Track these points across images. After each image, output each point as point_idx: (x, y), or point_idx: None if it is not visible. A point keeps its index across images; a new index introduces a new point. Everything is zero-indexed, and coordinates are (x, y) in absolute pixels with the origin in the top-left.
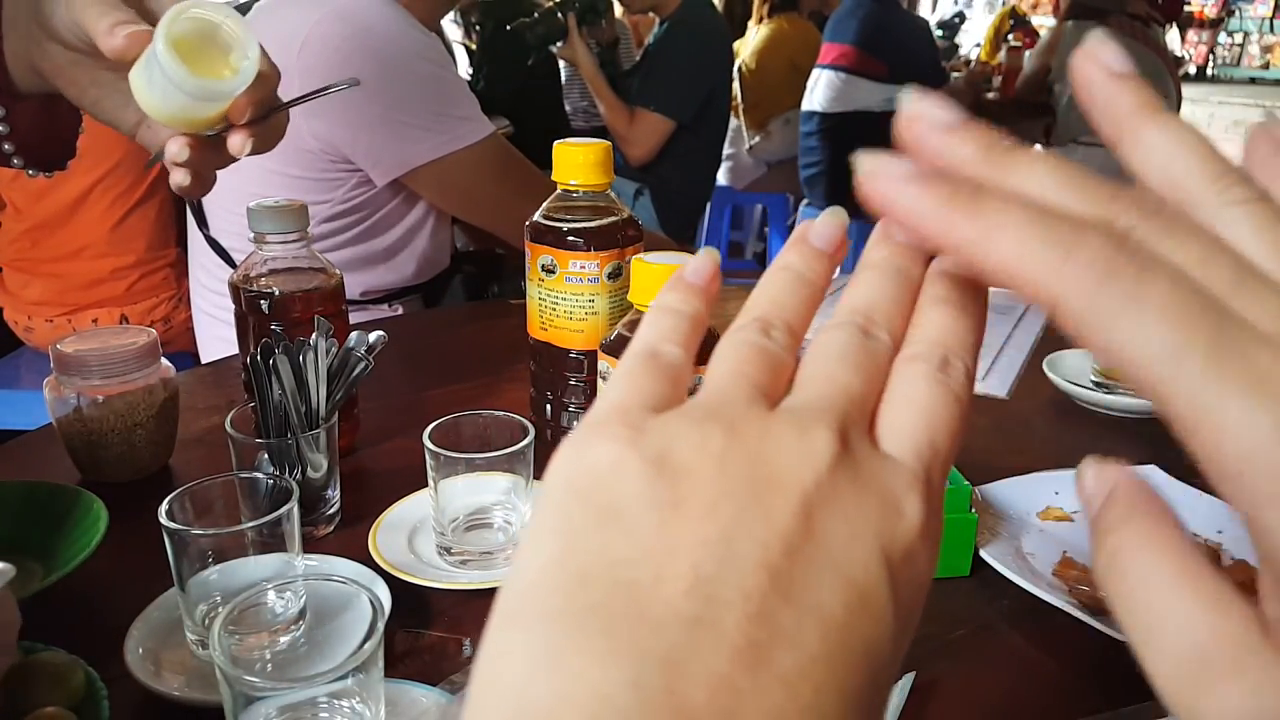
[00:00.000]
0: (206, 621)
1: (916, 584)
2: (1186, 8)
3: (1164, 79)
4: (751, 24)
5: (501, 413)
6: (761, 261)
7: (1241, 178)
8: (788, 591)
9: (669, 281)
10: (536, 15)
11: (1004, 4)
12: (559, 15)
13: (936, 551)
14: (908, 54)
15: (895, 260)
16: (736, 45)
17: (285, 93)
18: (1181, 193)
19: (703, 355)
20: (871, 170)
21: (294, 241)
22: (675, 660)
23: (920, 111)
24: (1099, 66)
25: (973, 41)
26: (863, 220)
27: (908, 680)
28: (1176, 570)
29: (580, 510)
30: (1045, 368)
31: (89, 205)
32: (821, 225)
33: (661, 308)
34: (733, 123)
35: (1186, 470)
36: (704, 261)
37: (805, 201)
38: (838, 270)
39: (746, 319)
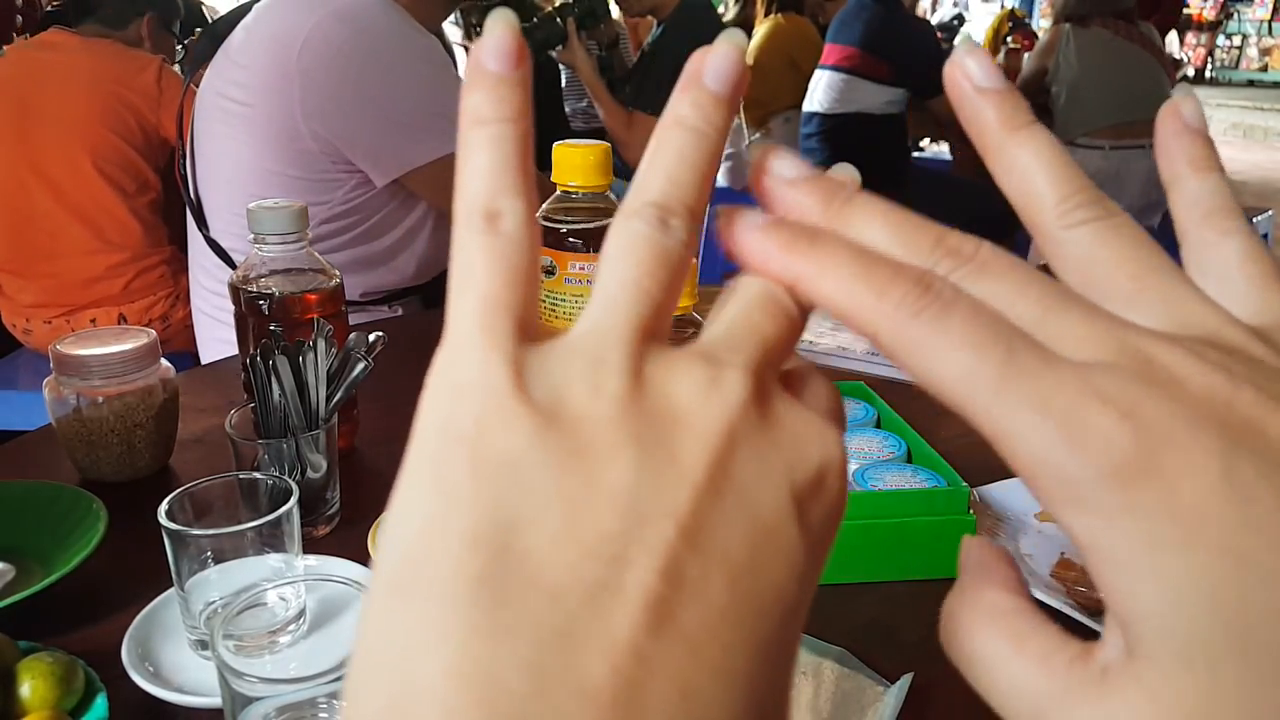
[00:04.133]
0: (206, 621)
1: (826, 516)
2: (1185, 10)
3: (1160, 77)
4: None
5: None
6: None
7: (1089, 197)
8: (695, 540)
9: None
10: (536, 20)
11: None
12: (558, 20)
13: (845, 483)
14: (912, 56)
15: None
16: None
17: (287, 95)
18: (1032, 209)
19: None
20: (727, 222)
21: (293, 243)
22: (574, 633)
23: (768, 167)
24: (966, 79)
25: None
26: None
27: (906, 681)
28: (1002, 633)
29: (463, 461)
30: None
31: (66, 197)
32: (718, 60)
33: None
34: (733, 121)
35: None
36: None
37: None
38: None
39: (641, 201)
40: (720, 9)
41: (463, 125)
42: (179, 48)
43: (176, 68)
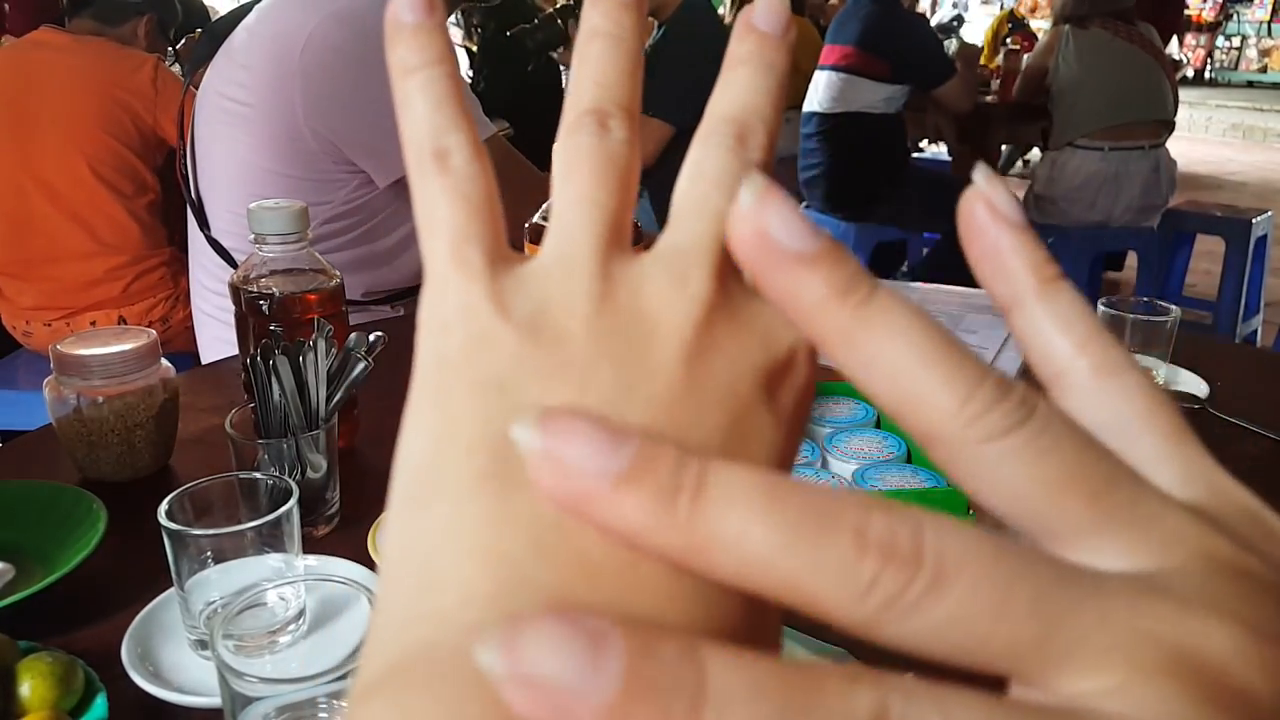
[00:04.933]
0: (206, 621)
1: (797, 397)
2: (1185, 11)
3: (1160, 78)
4: None
5: None
6: None
7: (997, 390)
8: (674, 433)
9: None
10: (537, 21)
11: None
12: (559, 22)
13: (814, 367)
14: (910, 50)
15: (765, 55)
16: None
17: (288, 95)
18: (922, 415)
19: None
20: None
21: (294, 243)
22: (570, 521)
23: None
24: (768, 240)
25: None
26: (858, 220)
27: None
28: None
29: (457, 384)
30: None
31: (63, 201)
32: None
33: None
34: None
35: None
36: None
37: (804, 204)
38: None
39: (577, 112)
40: (721, 11)
41: (394, 80)
42: (170, 50)
43: (176, 68)
